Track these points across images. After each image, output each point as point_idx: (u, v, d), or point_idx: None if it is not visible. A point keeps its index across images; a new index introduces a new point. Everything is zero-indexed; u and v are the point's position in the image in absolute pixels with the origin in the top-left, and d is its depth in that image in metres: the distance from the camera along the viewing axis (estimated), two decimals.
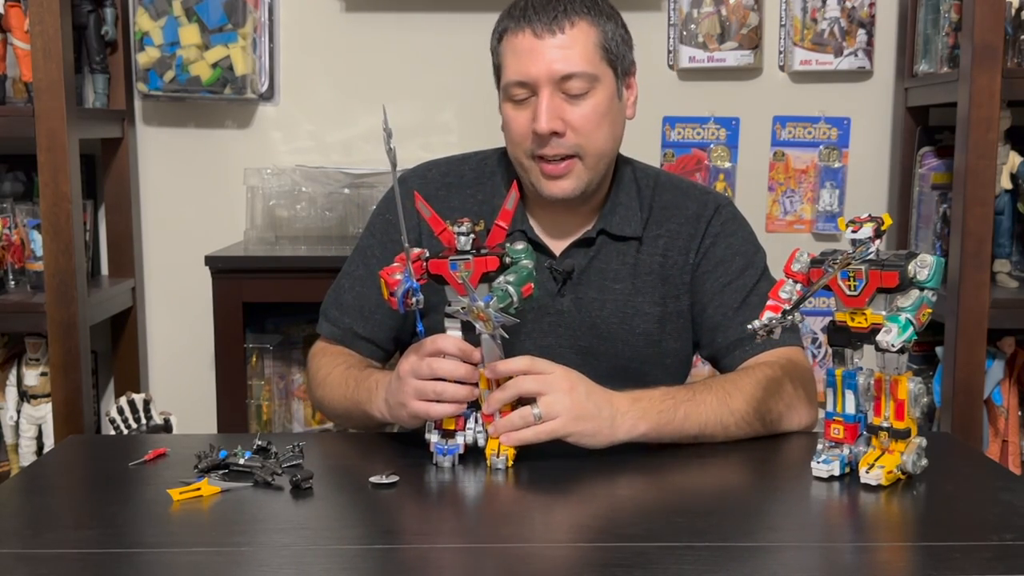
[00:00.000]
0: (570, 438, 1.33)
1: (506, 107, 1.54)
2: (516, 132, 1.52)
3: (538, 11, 1.48)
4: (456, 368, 1.33)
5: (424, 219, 1.36)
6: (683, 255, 1.60)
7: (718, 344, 1.59)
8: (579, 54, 1.48)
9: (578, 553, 1.11)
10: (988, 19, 2.07)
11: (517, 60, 1.49)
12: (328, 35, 2.55)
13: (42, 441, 2.32)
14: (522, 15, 1.50)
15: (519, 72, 1.49)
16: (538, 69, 1.48)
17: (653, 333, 1.59)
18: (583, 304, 1.58)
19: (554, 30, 1.48)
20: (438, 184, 1.64)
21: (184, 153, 2.58)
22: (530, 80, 1.48)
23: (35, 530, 1.16)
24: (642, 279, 1.59)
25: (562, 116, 1.48)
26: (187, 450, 1.36)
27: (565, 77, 1.48)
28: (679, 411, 1.39)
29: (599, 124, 1.51)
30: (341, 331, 1.62)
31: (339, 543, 1.11)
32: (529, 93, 1.50)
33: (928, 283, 1.22)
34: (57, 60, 2.12)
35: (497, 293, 1.28)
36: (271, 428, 2.43)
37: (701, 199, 1.64)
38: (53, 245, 2.16)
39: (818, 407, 1.54)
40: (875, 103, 2.57)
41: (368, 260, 1.63)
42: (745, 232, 1.64)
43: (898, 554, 1.12)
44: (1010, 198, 2.30)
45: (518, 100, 1.51)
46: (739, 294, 1.58)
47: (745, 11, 2.51)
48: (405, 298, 1.28)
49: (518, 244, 1.36)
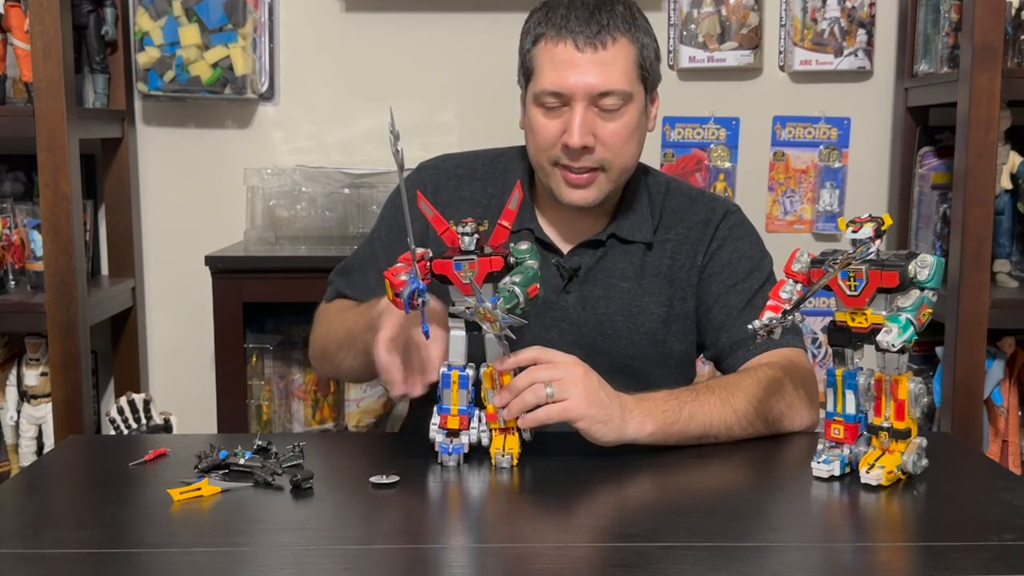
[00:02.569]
0: (581, 422, 1.31)
1: (535, 112, 1.53)
2: (544, 139, 1.53)
3: (581, 23, 1.48)
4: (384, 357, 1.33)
5: (428, 219, 1.36)
6: (691, 258, 1.62)
7: (721, 344, 1.59)
8: (618, 72, 1.48)
9: (579, 553, 1.11)
10: (988, 19, 2.07)
11: (555, 70, 1.49)
12: (328, 35, 2.55)
13: (42, 441, 2.32)
14: (564, 24, 1.48)
15: (556, 83, 1.49)
16: (576, 83, 1.48)
17: (657, 333, 1.60)
18: (588, 301, 1.59)
19: (596, 45, 1.47)
20: (450, 174, 1.67)
21: (184, 153, 2.58)
22: (567, 92, 1.49)
23: (35, 530, 1.15)
24: (649, 280, 1.60)
25: (594, 131, 1.49)
26: (187, 450, 1.36)
27: (602, 94, 1.48)
28: (684, 411, 1.39)
29: (628, 140, 1.52)
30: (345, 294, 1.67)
31: (339, 543, 1.11)
32: (562, 103, 1.50)
33: (928, 283, 1.22)
34: (57, 60, 2.12)
35: (503, 294, 1.27)
36: (271, 428, 2.43)
37: (710, 205, 1.66)
38: (53, 245, 2.16)
39: (819, 408, 1.55)
40: (875, 103, 2.57)
41: (374, 244, 1.69)
42: (753, 237, 1.66)
43: (898, 554, 1.12)
44: (1010, 198, 2.30)
45: (549, 108, 1.51)
46: (743, 296, 1.59)
47: (745, 11, 2.51)
48: (411, 299, 1.27)
49: (522, 244, 1.35)
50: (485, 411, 1.34)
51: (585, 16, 1.48)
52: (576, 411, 1.30)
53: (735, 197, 2.57)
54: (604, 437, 1.33)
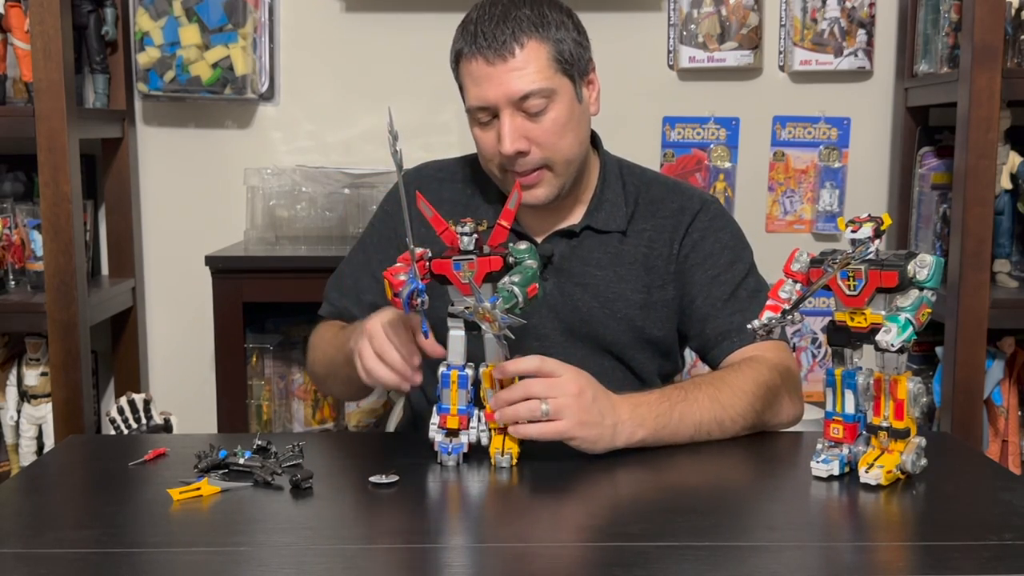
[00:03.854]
0: (572, 442, 1.33)
1: (473, 127, 1.59)
2: (484, 150, 1.58)
3: (487, 36, 1.51)
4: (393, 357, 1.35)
5: (426, 218, 1.36)
6: (667, 246, 1.64)
7: (706, 335, 1.61)
8: (532, 73, 1.51)
9: (578, 553, 1.12)
10: (988, 19, 2.07)
11: (475, 86, 1.53)
12: (328, 35, 2.55)
13: (42, 441, 2.32)
14: (473, 41, 1.52)
15: (478, 98, 1.53)
16: (495, 94, 1.51)
17: (635, 319, 1.62)
18: (565, 288, 1.62)
19: (504, 55, 1.50)
20: (431, 177, 1.72)
21: (184, 153, 2.58)
22: (489, 105, 1.53)
23: (35, 530, 1.15)
24: (625, 268, 1.63)
25: (525, 134, 1.52)
26: (187, 450, 1.36)
27: (522, 97, 1.51)
28: (674, 413, 1.40)
29: (562, 135, 1.54)
30: (338, 311, 1.71)
31: (339, 543, 1.11)
32: (491, 115, 1.54)
33: (928, 283, 1.22)
34: (57, 60, 2.12)
35: (503, 294, 1.28)
36: (271, 428, 2.43)
37: (687, 194, 1.69)
38: (53, 245, 2.16)
39: (803, 402, 1.56)
40: (875, 103, 2.57)
41: (366, 248, 1.73)
42: (733, 228, 1.69)
43: (898, 554, 1.12)
44: (1010, 198, 2.30)
45: (483, 122, 1.55)
46: (727, 287, 1.61)
47: (745, 11, 2.51)
48: (410, 299, 1.28)
49: (520, 244, 1.36)
50: (484, 411, 1.35)
51: (491, 29, 1.50)
52: (569, 433, 1.33)
53: (735, 197, 2.57)
54: (594, 450, 1.35)
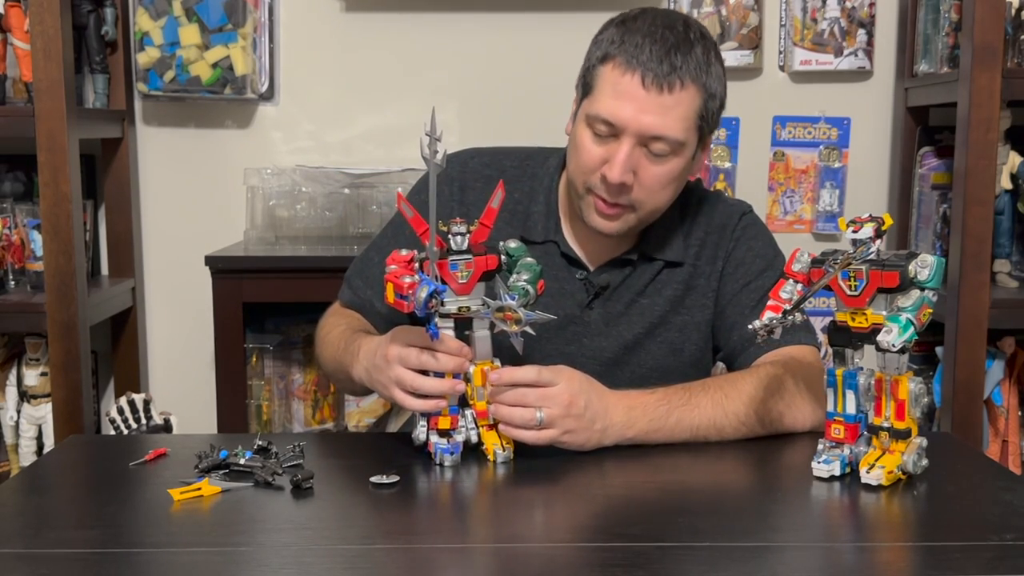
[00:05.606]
0: (560, 445, 1.35)
1: (583, 131, 1.49)
2: (584, 162, 1.49)
3: (654, 59, 1.42)
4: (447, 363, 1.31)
5: (407, 219, 1.33)
6: (711, 264, 1.61)
7: (733, 343, 1.59)
8: (676, 119, 1.44)
9: (578, 553, 1.11)
10: (988, 19, 2.07)
11: (615, 99, 1.44)
12: (328, 35, 2.55)
13: (42, 441, 2.32)
14: (636, 55, 1.43)
15: (611, 112, 1.44)
16: (631, 120, 1.43)
17: (675, 341, 1.60)
18: (611, 318, 1.59)
19: (663, 87, 1.42)
20: (476, 175, 1.63)
21: (184, 153, 2.58)
22: (619, 125, 1.44)
23: (35, 530, 1.15)
24: (671, 288, 1.60)
25: (635, 170, 1.46)
26: (187, 450, 1.36)
27: (654, 137, 1.44)
28: (671, 417, 1.39)
29: (665, 186, 1.49)
30: (361, 301, 1.63)
31: (339, 543, 1.11)
32: (611, 133, 1.46)
33: (928, 283, 1.22)
34: (57, 60, 2.12)
35: (518, 292, 1.28)
36: (271, 428, 2.43)
37: (727, 210, 1.64)
38: (53, 245, 2.16)
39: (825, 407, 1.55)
40: (875, 103, 2.56)
41: (398, 235, 1.62)
42: (766, 236, 1.65)
43: (898, 554, 1.12)
44: (1010, 198, 2.30)
45: (598, 133, 1.47)
46: (756, 294, 1.58)
47: (745, 11, 2.51)
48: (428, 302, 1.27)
49: (512, 243, 1.36)
50: (472, 409, 1.35)
51: (660, 53, 1.42)
52: (558, 440, 1.34)
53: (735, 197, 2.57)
54: (582, 449, 1.36)
